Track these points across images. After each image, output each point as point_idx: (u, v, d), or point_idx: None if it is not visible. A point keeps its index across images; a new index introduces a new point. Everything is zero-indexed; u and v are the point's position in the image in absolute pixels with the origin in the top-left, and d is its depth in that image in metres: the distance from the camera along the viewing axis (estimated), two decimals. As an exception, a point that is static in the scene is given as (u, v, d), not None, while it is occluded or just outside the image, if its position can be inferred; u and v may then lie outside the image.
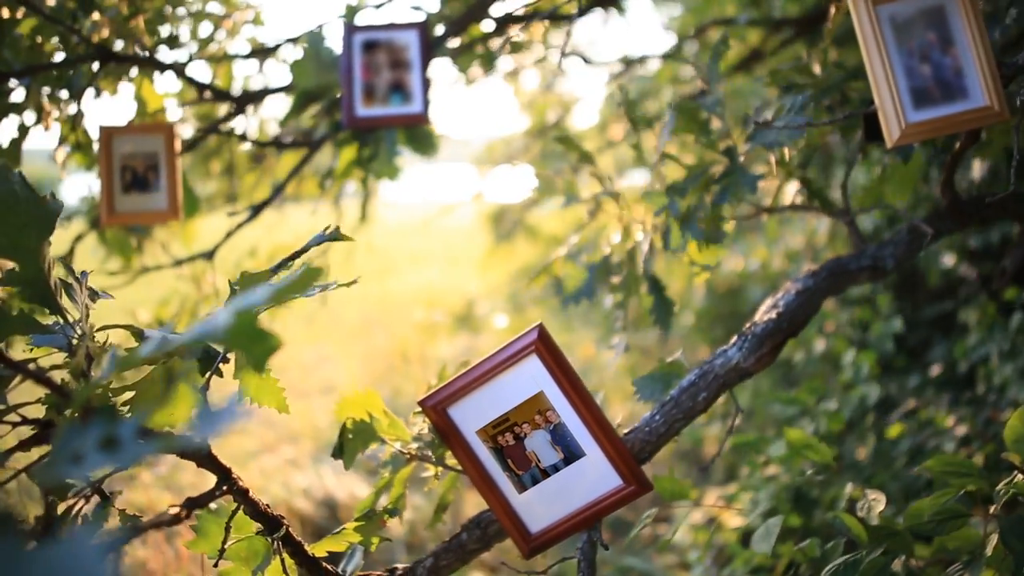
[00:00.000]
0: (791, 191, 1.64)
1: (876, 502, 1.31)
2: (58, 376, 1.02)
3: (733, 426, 1.30)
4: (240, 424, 0.50)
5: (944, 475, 1.25)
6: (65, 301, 1.02)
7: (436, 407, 1.16)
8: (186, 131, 2.52)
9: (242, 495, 0.93)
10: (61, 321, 0.94)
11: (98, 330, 1.03)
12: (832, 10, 1.56)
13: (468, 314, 6.69)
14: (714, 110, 1.44)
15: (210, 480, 0.95)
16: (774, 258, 4.02)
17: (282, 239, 3.44)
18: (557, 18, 2.21)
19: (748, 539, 2.34)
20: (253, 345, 0.51)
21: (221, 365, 0.93)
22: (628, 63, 3.69)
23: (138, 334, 0.94)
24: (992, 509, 1.23)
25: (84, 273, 1.14)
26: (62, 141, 1.94)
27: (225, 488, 0.88)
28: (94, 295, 1.13)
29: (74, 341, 0.91)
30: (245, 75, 2.53)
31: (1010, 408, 2.40)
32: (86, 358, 0.93)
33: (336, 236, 0.96)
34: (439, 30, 2.04)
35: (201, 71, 2.36)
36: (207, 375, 0.92)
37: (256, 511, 1.00)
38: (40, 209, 0.90)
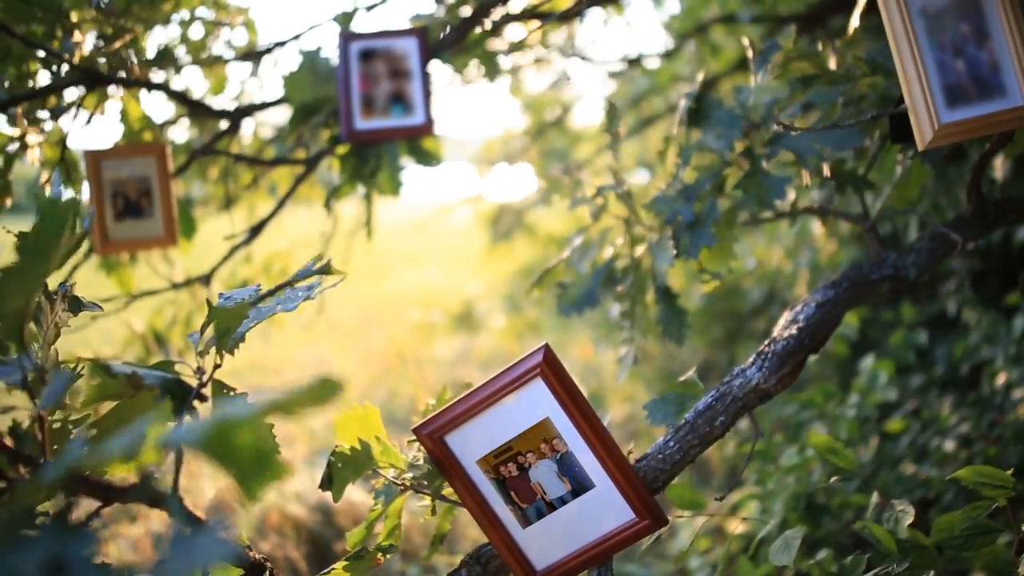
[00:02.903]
0: (813, 194, 1.55)
1: (904, 514, 1.24)
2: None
3: (753, 450, 1.21)
4: (224, 559, 0.40)
5: (978, 485, 1.17)
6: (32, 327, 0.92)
7: (432, 435, 1.07)
8: (180, 133, 2.43)
9: (218, 541, 0.84)
10: (20, 353, 0.85)
11: (62, 363, 0.94)
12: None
13: (466, 313, 6.61)
14: (745, 104, 1.34)
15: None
16: (772, 257, 3.94)
17: (278, 244, 3.35)
18: (556, 18, 2.12)
19: (756, 549, 2.26)
20: (253, 468, 0.41)
21: (197, 403, 0.84)
22: (628, 62, 3.61)
23: (102, 369, 0.84)
24: (1024, 527, 1.16)
25: (63, 285, 1.05)
26: (45, 166, 1.85)
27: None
28: (76, 306, 1.03)
29: (30, 375, 0.81)
30: (240, 81, 2.43)
31: (1015, 410, 2.33)
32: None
33: (326, 269, 0.87)
34: (439, 34, 1.94)
35: (193, 83, 2.26)
36: (180, 414, 0.83)
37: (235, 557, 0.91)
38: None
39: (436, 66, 1.97)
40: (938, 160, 1.33)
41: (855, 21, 1.38)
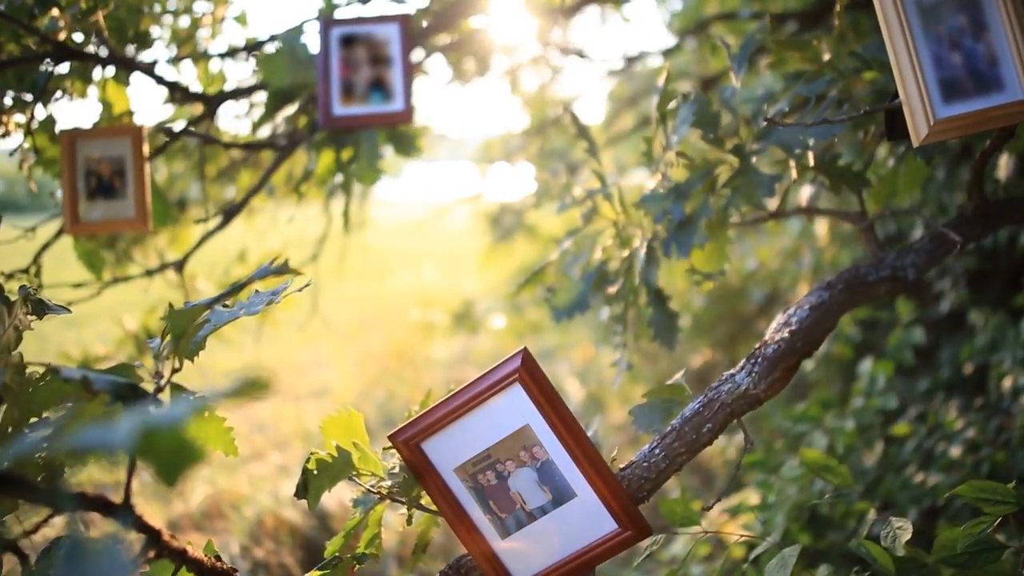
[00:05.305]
0: (804, 193, 1.51)
1: (902, 531, 1.19)
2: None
3: (742, 460, 1.17)
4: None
5: (978, 501, 1.13)
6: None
7: (408, 442, 1.03)
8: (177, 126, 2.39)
9: (179, 556, 0.81)
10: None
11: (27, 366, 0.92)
12: None
13: (465, 313, 6.58)
14: (730, 103, 1.30)
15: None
16: (774, 257, 3.90)
17: (273, 244, 3.33)
18: (550, 14, 2.08)
19: (758, 557, 2.22)
20: (169, 460, 0.39)
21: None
22: (628, 60, 3.57)
23: (56, 371, 0.81)
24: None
25: (24, 288, 1.02)
26: (25, 146, 1.82)
27: (154, 553, 0.75)
28: (41, 309, 1.00)
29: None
30: (227, 72, 2.39)
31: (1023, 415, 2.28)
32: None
33: (284, 269, 0.84)
34: (423, 22, 1.91)
35: (174, 70, 2.21)
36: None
37: (201, 569, 0.88)
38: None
39: (435, 65, 1.94)
40: (946, 160, 1.29)
41: (838, 15, 1.34)
